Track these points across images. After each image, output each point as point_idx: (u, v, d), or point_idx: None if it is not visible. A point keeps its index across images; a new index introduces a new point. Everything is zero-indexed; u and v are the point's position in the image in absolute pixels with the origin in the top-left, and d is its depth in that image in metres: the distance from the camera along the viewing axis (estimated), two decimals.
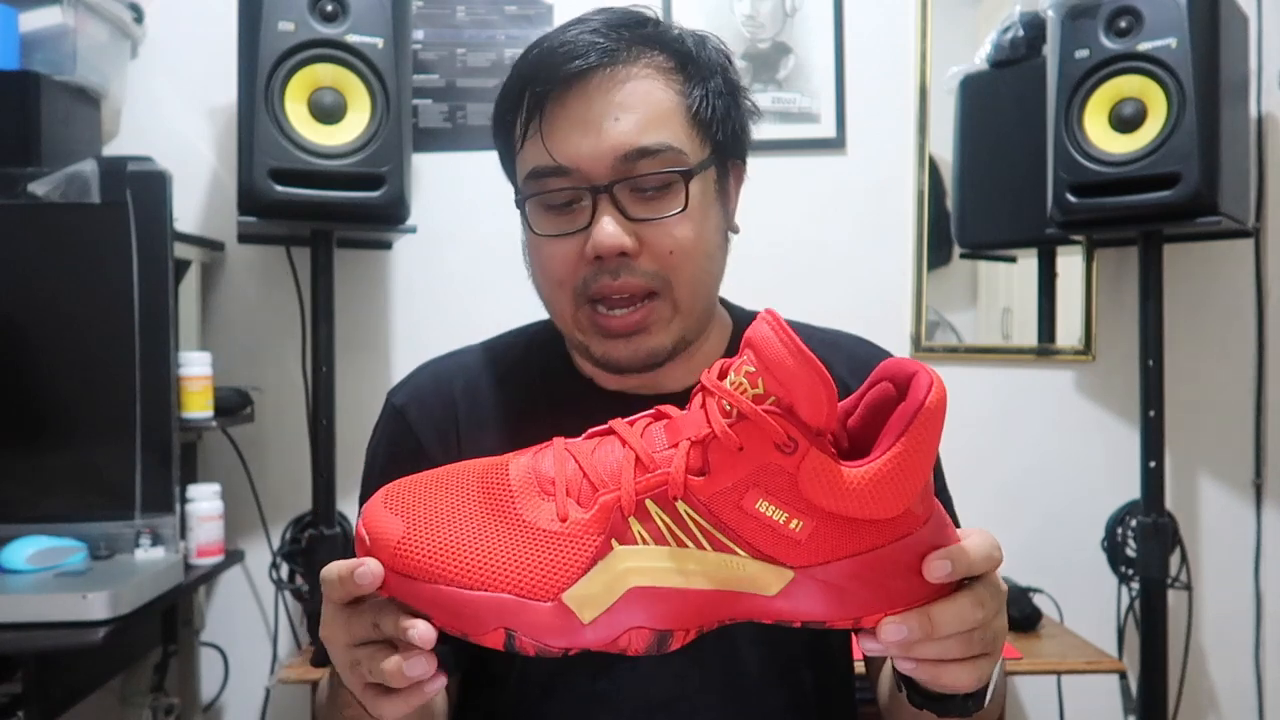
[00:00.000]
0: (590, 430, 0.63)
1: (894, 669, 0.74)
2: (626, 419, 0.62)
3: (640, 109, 0.80)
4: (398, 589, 0.57)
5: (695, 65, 0.84)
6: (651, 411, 0.62)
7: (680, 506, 0.56)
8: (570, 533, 0.57)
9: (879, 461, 0.55)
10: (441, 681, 0.60)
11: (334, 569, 0.60)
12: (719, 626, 0.59)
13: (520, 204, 0.85)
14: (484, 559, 0.56)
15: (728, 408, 0.56)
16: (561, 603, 0.56)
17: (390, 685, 0.59)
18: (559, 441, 0.62)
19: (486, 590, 0.56)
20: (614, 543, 0.56)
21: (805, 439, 0.55)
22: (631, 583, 0.56)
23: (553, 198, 0.82)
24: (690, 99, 0.83)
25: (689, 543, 0.56)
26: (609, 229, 0.79)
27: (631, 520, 0.56)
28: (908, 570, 0.57)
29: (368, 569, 0.58)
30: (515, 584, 0.56)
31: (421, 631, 0.57)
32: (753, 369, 0.56)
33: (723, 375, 0.58)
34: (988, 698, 0.68)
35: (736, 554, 0.56)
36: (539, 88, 0.80)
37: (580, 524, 0.57)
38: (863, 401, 0.61)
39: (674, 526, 0.56)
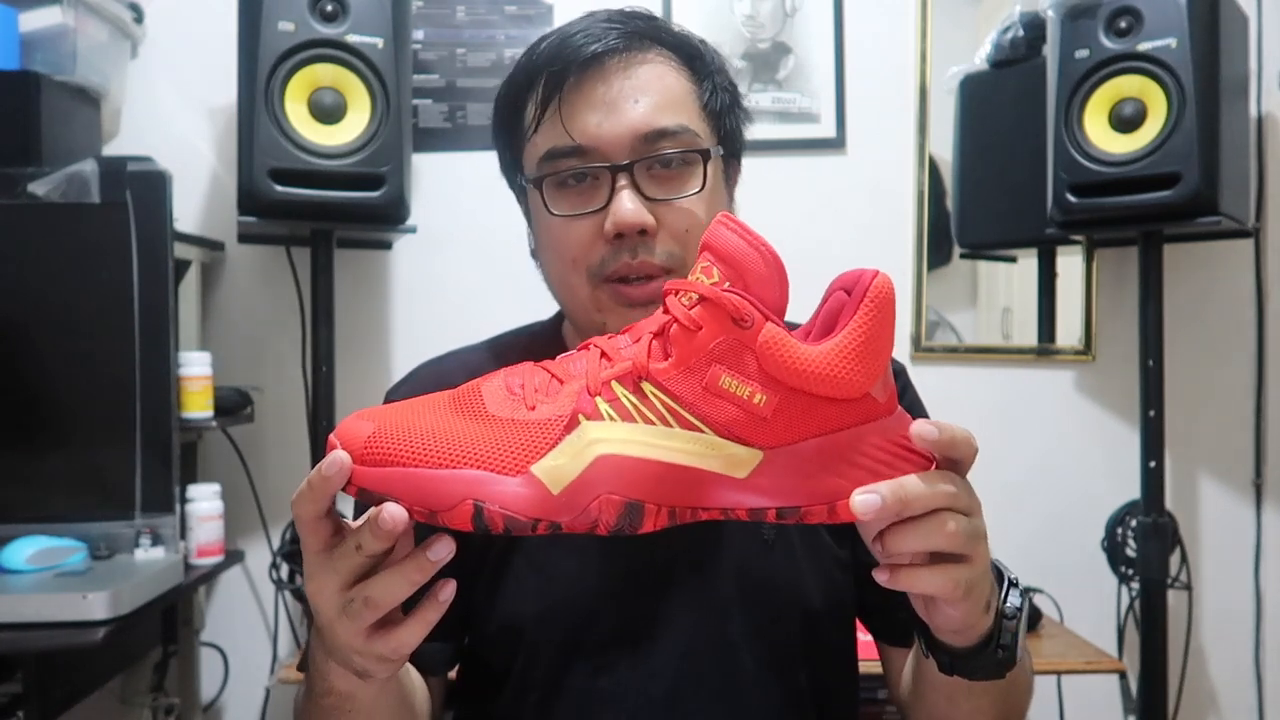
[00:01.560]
0: (564, 354, 0.64)
1: (918, 641, 0.74)
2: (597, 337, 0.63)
3: (657, 92, 0.82)
4: (365, 479, 0.56)
5: (701, 60, 0.86)
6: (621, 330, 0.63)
7: (646, 387, 0.58)
8: (538, 418, 0.57)
9: (833, 339, 0.57)
10: (452, 587, 0.59)
11: (302, 485, 0.59)
12: (692, 520, 0.59)
13: (531, 185, 0.85)
14: (452, 443, 0.56)
15: (686, 300, 0.58)
16: (531, 474, 0.56)
17: (394, 602, 0.58)
18: (529, 362, 0.63)
19: (454, 468, 0.55)
20: (581, 419, 0.57)
21: (760, 313, 0.57)
22: (599, 451, 0.56)
23: (569, 177, 0.82)
24: (701, 89, 0.85)
25: (656, 421, 0.57)
26: (629, 205, 0.79)
27: (598, 400, 0.57)
28: (876, 457, 0.58)
29: (334, 458, 0.56)
30: (483, 460, 0.56)
31: (392, 511, 0.55)
32: (708, 263, 0.58)
33: None
34: (1017, 654, 0.68)
35: (704, 432, 0.57)
36: (556, 69, 0.81)
37: (548, 410, 0.58)
38: (820, 314, 0.62)
39: (640, 406, 0.57)
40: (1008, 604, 0.68)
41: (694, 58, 0.85)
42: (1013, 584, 0.70)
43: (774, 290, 0.58)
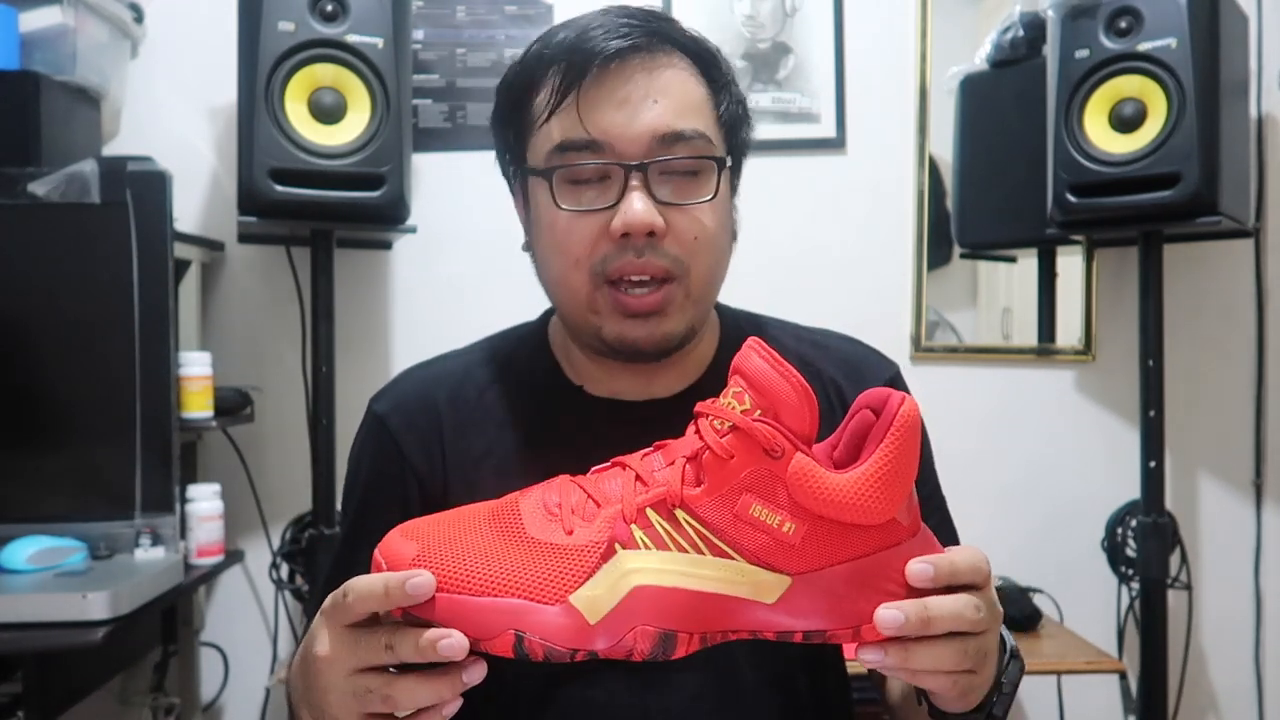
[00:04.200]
0: (596, 468, 0.65)
1: (914, 690, 0.73)
2: (630, 455, 0.65)
3: (677, 96, 0.81)
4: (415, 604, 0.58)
5: (718, 70, 0.85)
6: (652, 446, 0.65)
7: (679, 514, 0.59)
8: (576, 544, 0.59)
9: (860, 468, 0.59)
10: (457, 704, 0.60)
11: (372, 582, 0.59)
12: (722, 641, 0.60)
13: (538, 177, 0.82)
14: (493, 569, 0.58)
15: (719, 425, 0.60)
16: (569, 604, 0.57)
17: (413, 708, 0.59)
18: (564, 476, 0.65)
19: (496, 596, 0.57)
20: (618, 547, 0.59)
21: (791, 443, 0.59)
22: (635, 582, 0.58)
23: (580, 172, 0.80)
24: (717, 99, 0.84)
25: (689, 548, 0.59)
26: (640, 205, 0.78)
27: (634, 528, 0.59)
28: (899, 581, 0.60)
29: (424, 578, 0.57)
30: (524, 589, 0.57)
31: (456, 640, 0.56)
32: (740, 389, 0.60)
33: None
34: (1009, 707, 0.69)
35: (735, 559, 0.59)
36: (577, 60, 0.79)
37: (585, 535, 0.59)
38: (846, 430, 0.64)
39: (674, 533, 0.59)
40: (1005, 677, 0.68)
41: (711, 66, 0.84)
42: (1013, 655, 0.70)
43: (803, 419, 0.59)
